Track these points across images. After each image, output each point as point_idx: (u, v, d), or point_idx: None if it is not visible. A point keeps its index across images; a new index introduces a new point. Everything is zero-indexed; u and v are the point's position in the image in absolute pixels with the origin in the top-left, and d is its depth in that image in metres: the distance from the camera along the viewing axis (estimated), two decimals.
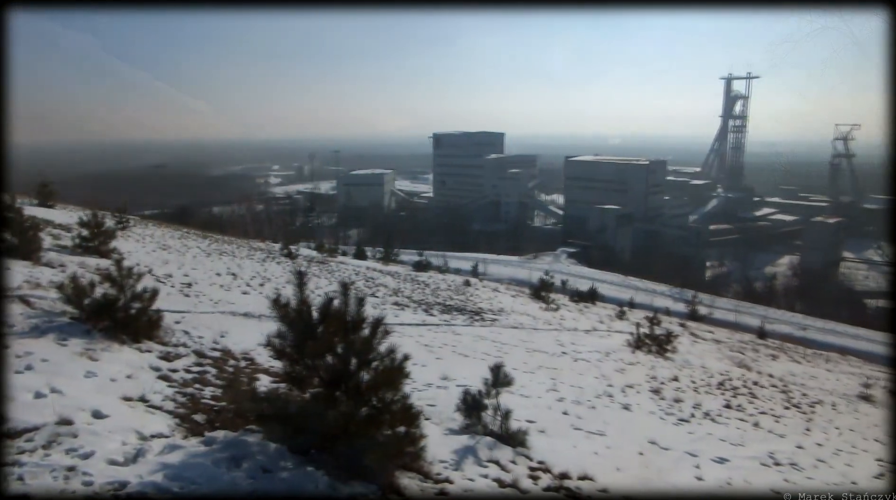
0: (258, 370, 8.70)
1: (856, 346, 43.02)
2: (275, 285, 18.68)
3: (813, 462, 9.44)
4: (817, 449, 10.35)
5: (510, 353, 14.71)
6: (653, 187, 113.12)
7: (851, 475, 9.05)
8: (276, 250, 29.74)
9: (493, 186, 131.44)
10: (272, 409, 5.17)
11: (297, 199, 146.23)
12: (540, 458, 6.87)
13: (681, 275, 73.77)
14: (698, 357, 19.56)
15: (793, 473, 8.69)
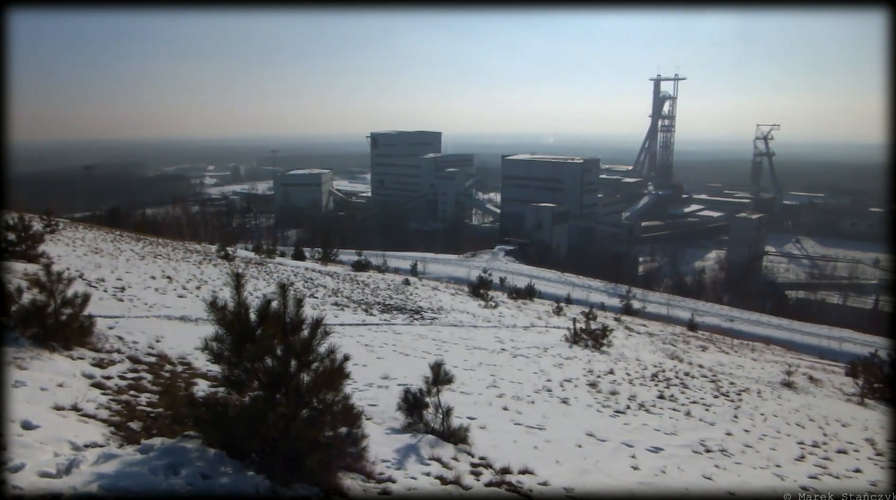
0: (195, 375, 8.50)
1: (778, 335, 45.02)
2: (212, 287, 18.26)
3: (741, 448, 9.82)
4: (745, 435, 10.78)
5: (450, 351, 14.80)
6: (587, 185, 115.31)
7: (776, 459, 9.46)
8: (213, 251, 29.06)
9: (430, 185, 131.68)
10: (210, 414, 5.06)
11: (233, 200, 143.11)
12: (481, 454, 6.94)
13: (615, 271, 75.50)
14: (633, 350, 20.09)
15: (723, 459, 9.03)
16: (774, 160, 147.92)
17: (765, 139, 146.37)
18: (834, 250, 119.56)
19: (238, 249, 32.63)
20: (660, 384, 14.35)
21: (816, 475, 8.87)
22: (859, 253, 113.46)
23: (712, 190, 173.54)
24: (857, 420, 13.80)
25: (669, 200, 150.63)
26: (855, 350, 36.37)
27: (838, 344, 43.71)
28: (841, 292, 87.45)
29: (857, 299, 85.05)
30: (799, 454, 10.01)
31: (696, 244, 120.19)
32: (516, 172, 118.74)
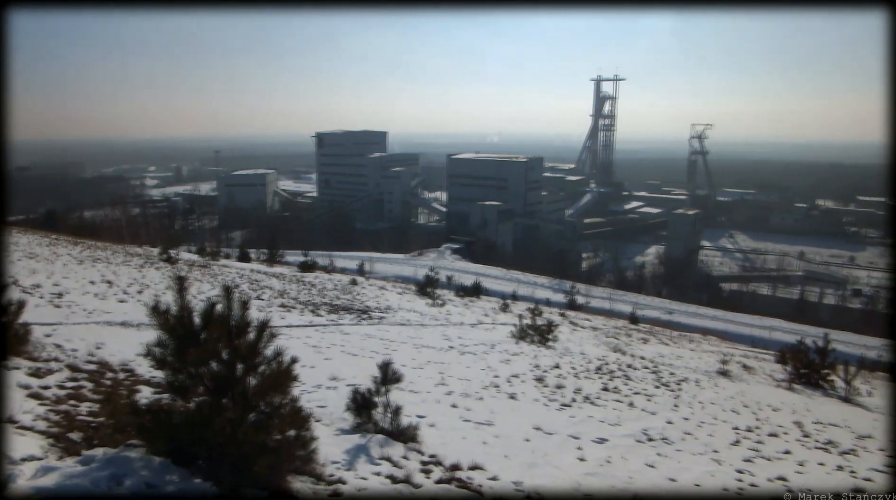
0: (138, 382, 8.25)
1: (714, 326, 46.40)
2: (154, 291, 17.76)
3: (681, 435, 10.08)
4: (684, 423, 11.07)
5: (398, 350, 14.75)
6: (531, 184, 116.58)
7: (713, 444, 9.75)
8: (155, 254, 28.27)
9: (376, 184, 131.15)
10: (154, 421, 4.92)
11: (175, 201, 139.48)
12: (431, 452, 6.94)
13: (559, 267, 76.65)
14: (577, 344, 20.39)
15: (664, 446, 9.26)
16: (708, 158, 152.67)
17: (699, 138, 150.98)
18: (763, 243, 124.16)
19: (181, 251, 31.79)
20: (604, 377, 14.61)
21: (750, 458, 9.19)
22: (786, 246, 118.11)
23: (651, 187, 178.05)
24: (786, 405, 14.35)
25: (610, 197, 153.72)
26: (784, 338, 37.72)
27: (769, 333, 45.29)
28: (770, 283, 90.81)
29: (785, 289, 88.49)
30: (734, 439, 10.34)
31: (637, 240, 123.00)
32: (462, 170, 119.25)
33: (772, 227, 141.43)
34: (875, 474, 9.22)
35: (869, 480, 8.80)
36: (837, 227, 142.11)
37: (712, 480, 7.85)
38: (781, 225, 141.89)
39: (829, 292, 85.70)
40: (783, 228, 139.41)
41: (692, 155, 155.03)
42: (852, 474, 9.07)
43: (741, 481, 8.00)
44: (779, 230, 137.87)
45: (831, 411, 14.59)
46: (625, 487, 6.94)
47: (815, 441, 10.95)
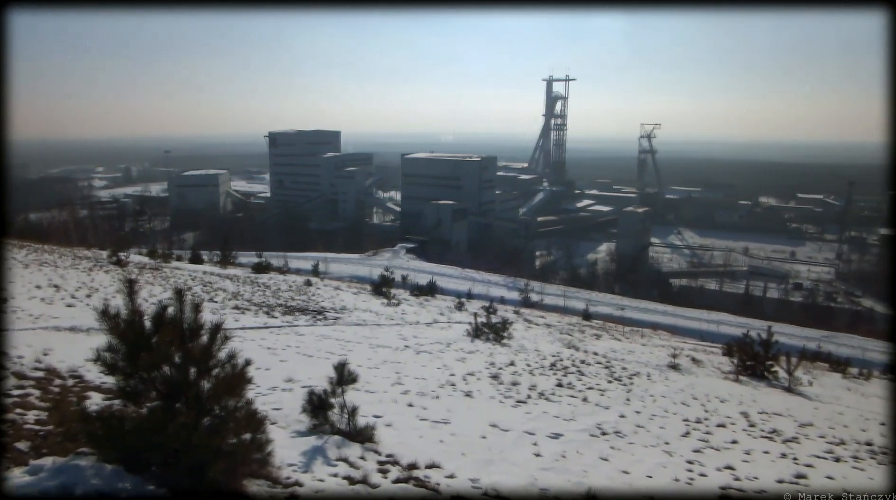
0: (88, 388, 8.03)
1: (664, 321, 47.42)
2: (103, 295, 17.29)
3: (633, 429, 10.30)
4: (637, 416, 11.31)
5: (354, 350, 14.69)
6: (485, 183, 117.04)
7: (664, 436, 9.99)
8: (104, 257, 27.49)
9: (330, 184, 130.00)
10: (105, 428, 4.80)
11: (125, 202, 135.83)
12: (388, 451, 6.94)
13: (514, 265, 77.20)
14: (532, 341, 20.61)
15: (617, 440, 9.45)
16: (657, 157, 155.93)
17: (648, 138, 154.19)
18: (710, 240, 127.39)
19: (131, 253, 31.01)
20: (558, 373, 14.80)
21: (700, 449, 9.45)
22: (731, 242, 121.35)
23: (602, 185, 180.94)
24: (733, 396, 14.79)
25: (563, 195, 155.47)
26: (730, 332, 38.78)
27: (716, 327, 46.55)
28: (717, 278, 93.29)
29: (731, 284, 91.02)
30: (685, 431, 10.62)
31: (589, 237, 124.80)
32: (416, 170, 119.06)
33: (717, 223, 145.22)
34: (816, 460, 9.59)
35: (810, 466, 9.15)
36: (779, 223, 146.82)
37: (664, 471, 8.05)
38: (726, 222, 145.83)
39: (773, 287, 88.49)
40: (728, 225, 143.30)
41: (641, 154, 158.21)
42: (795, 461, 9.41)
43: (691, 471, 8.22)
44: (724, 227, 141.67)
45: (775, 400, 15.09)
46: (579, 481, 7.06)
47: (760, 430, 11.32)
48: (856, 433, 12.09)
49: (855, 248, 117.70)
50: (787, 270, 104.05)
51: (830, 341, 43.67)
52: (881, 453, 10.68)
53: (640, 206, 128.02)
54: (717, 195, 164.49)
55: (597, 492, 6.22)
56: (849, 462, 9.74)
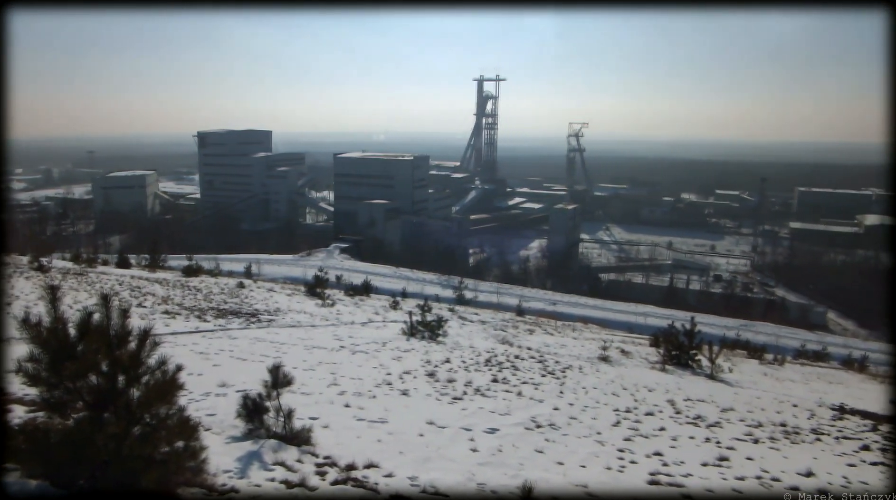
0: (9, 401, 7.61)
1: (594, 315, 48.63)
2: (24, 302, 16.41)
3: (567, 420, 10.52)
4: (570, 408, 11.55)
5: (289, 352, 14.46)
6: (418, 182, 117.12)
7: (597, 427, 10.24)
8: (24, 263, 26.10)
9: (262, 184, 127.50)
10: (29, 442, 4.57)
11: (46, 205, 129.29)
12: (326, 453, 6.86)
13: (447, 263, 77.63)
14: (467, 338, 20.75)
15: (552, 432, 9.62)
16: (585, 155, 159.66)
17: (576, 136, 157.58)
18: (636, 235, 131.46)
19: (54, 259, 29.55)
20: (493, 369, 14.95)
21: (630, 437, 9.73)
22: (656, 237, 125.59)
23: (533, 183, 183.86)
24: (660, 385, 15.30)
25: (495, 193, 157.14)
26: (657, 323, 40.14)
27: (643, 319, 48.03)
28: (643, 272, 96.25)
29: (657, 277, 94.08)
30: (615, 420, 10.91)
31: (521, 235, 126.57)
32: (348, 170, 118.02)
33: (643, 219, 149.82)
34: (737, 442, 10.03)
35: (732, 449, 9.55)
36: (700, 218, 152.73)
37: (597, 460, 8.24)
38: (651, 217, 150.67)
39: (695, 279, 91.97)
40: (653, 221, 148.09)
41: (570, 152, 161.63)
42: (718, 444, 9.80)
43: (622, 459, 8.45)
44: (649, 222, 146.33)
45: (699, 388, 15.68)
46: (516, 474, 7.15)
47: (685, 417, 11.75)
48: (772, 416, 12.70)
49: (768, 241, 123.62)
50: (708, 262, 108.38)
51: (748, 329, 45.70)
52: (794, 433, 11.26)
53: (569, 203, 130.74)
54: (642, 192, 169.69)
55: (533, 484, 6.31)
56: (766, 443, 10.23)
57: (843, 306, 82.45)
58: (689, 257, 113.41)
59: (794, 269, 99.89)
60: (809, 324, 65.05)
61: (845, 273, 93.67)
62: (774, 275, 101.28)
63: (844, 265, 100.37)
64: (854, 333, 71.57)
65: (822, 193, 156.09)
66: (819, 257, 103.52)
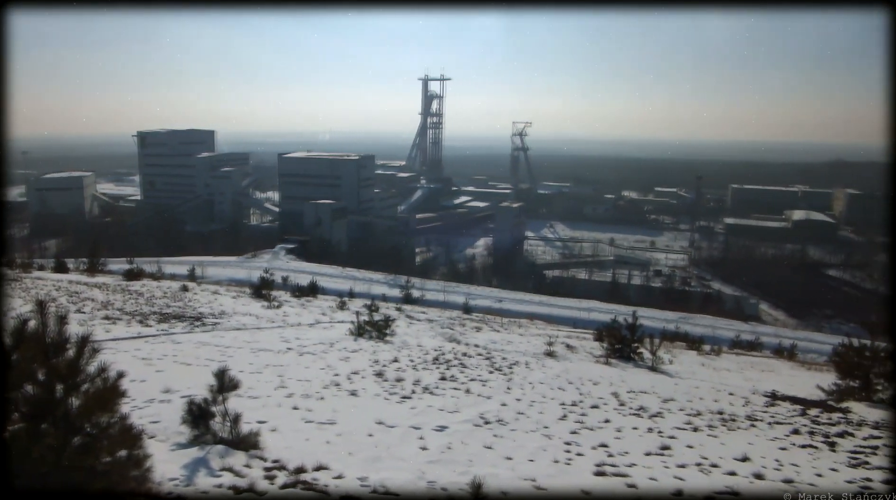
0: None
1: (540, 311, 49.29)
2: None
3: (515, 416, 10.63)
4: (517, 404, 11.67)
5: (235, 355, 14.19)
6: (364, 181, 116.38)
7: (544, 421, 10.38)
8: None
9: (205, 185, 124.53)
10: None
11: None
12: (275, 457, 6.76)
13: (394, 262, 77.46)
14: (415, 337, 20.74)
15: (500, 428, 9.71)
16: (529, 154, 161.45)
17: (520, 136, 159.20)
18: (579, 232, 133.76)
19: None
20: (441, 367, 15.00)
21: (576, 430, 9.90)
22: (599, 234, 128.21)
23: (478, 182, 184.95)
24: (605, 378, 15.62)
25: (441, 192, 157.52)
26: (600, 318, 40.88)
27: (587, 314, 48.93)
28: (587, 268, 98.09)
29: (599, 273, 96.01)
30: (562, 414, 11.08)
31: (467, 233, 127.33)
32: (293, 169, 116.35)
33: (586, 216, 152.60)
34: (678, 431, 10.32)
35: (673, 437, 9.82)
36: (640, 215, 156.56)
37: (544, 454, 8.36)
38: (594, 215, 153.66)
39: (636, 274, 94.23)
40: (595, 218, 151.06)
41: (514, 151, 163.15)
42: (660, 434, 10.07)
43: (569, 451, 8.59)
44: (592, 219, 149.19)
45: (641, 380, 16.07)
46: (465, 470, 7.19)
47: (629, 409, 12.02)
48: (710, 404, 13.12)
49: (704, 236, 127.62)
50: (648, 258, 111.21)
51: (686, 321, 47.14)
52: (730, 420, 11.66)
53: (514, 201, 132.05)
54: (585, 190, 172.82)
55: (482, 480, 6.36)
56: (705, 431, 10.56)
57: (773, 298, 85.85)
58: (630, 252, 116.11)
59: (729, 262, 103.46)
60: (743, 315, 67.41)
61: (775, 266, 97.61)
62: (710, 269, 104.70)
63: (774, 258, 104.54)
64: (784, 322, 74.58)
65: (753, 189, 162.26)
66: (751, 251, 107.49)
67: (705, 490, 7.29)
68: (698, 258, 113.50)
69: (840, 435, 10.75)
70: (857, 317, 73.26)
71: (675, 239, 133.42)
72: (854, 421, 12.00)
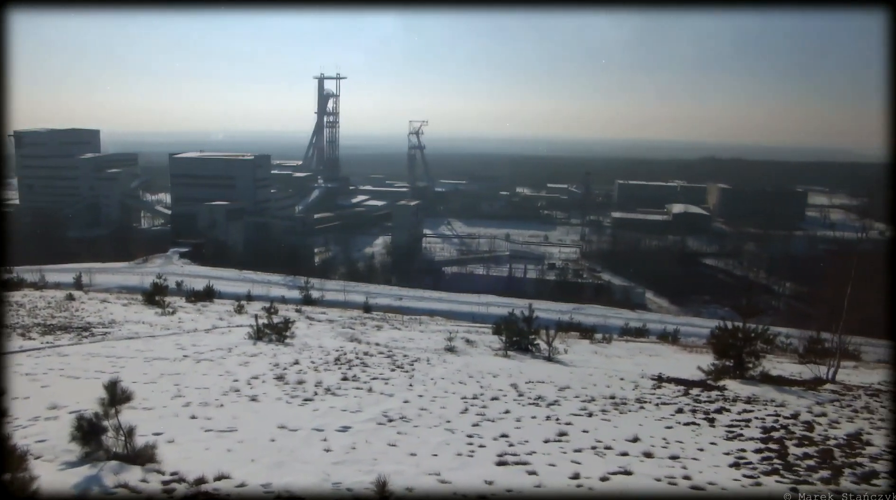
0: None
1: (440, 307, 49.68)
2: None
3: (417, 412, 10.73)
4: (420, 400, 11.79)
5: (127, 366, 13.50)
6: (259, 181, 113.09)
7: (446, 416, 10.55)
8: None
9: (90, 187, 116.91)
10: None
11: None
12: (173, 469, 6.52)
13: (293, 263, 75.79)
14: (315, 338, 20.46)
15: (404, 425, 9.78)
16: (425, 152, 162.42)
17: (417, 134, 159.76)
18: (476, 228, 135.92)
19: None
20: (343, 367, 14.89)
21: (478, 423, 10.13)
22: (495, 230, 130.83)
23: (375, 181, 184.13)
24: (504, 370, 16.03)
25: (338, 192, 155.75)
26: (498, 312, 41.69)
27: (486, 309, 49.76)
28: (484, 263, 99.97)
29: (496, 268, 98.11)
30: (464, 408, 11.30)
31: (365, 232, 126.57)
32: (186, 170, 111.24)
33: (482, 213, 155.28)
34: (574, 417, 10.77)
35: (570, 424, 10.25)
36: (533, 210, 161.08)
37: (448, 448, 8.51)
38: (489, 211, 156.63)
39: (531, 268, 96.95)
40: (491, 214, 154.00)
41: (411, 149, 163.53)
42: (557, 421, 10.48)
43: (472, 444, 8.79)
44: (488, 216, 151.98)
45: (538, 370, 16.61)
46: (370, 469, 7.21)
47: (528, 399, 12.41)
48: (602, 390, 13.75)
49: (594, 230, 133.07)
50: (543, 252, 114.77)
51: (579, 312, 48.98)
52: (622, 403, 12.28)
53: (412, 199, 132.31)
54: (480, 187, 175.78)
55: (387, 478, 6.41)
56: (599, 416, 11.09)
57: (657, 286, 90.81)
58: (525, 247, 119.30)
59: (617, 255, 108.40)
60: (631, 304, 70.87)
61: (658, 257, 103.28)
62: (600, 261, 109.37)
63: (657, 250, 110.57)
64: (667, 309, 79.06)
65: (637, 185, 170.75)
66: (637, 243, 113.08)
67: (600, 472, 7.68)
68: (589, 251, 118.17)
69: (718, 411, 11.59)
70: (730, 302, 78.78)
71: (567, 233, 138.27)
72: (730, 398, 12.95)
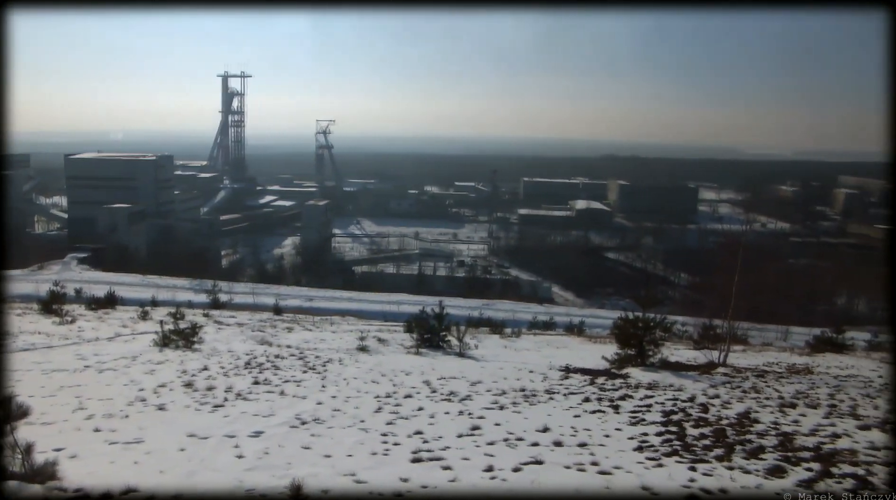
0: None
1: (351, 307, 49.30)
2: None
3: (331, 413, 10.68)
4: (333, 401, 11.72)
5: (23, 379, 12.68)
6: (163, 182, 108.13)
7: (360, 415, 10.56)
8: None
9: None
10: None
11: None
12: (76, 486, 6.23)
13: (199, 266, 72.99)
14: (225, 343, 19.89)
15: (317, 427, 9.72)
16: (334, 152, 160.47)
17: (324, 134, 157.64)
18: (386, 227, 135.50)
19: None
20: (254, 371, 14.59)
21: (392, 421, 10.19)
22: (404, 229, 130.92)
23: (283, 181, 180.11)
24: (416, 368, 16.17)
25: (245, 192, 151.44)
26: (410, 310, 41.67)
27: (397, 307, 49.70)
28: (394, 262, 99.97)
29: (406, 266, 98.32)
30: (377, 407, 11.33)
31: (274, 233, 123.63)
32: (84, 172, 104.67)
33: (391, 212, 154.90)
34: (486, 411, 11.03)
35: (482, 417, 10.49)
36: (442, 209, 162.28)
37: (362, 448, 8.53)
38: (398, 210, 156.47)
39: (441, 265, 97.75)
40: (400, 213, 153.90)
41: (319, 149, 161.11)
42: (470, 416, 10.69)
43: (386, 442, 8.85)
44: (397, 214, 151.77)
45: (450, 366, 16.85)
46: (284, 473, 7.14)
47: (440, 395, 12.59)
48: (513, 383, 14.13)
49: (501, 227, 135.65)
50: (452, 249, 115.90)
51: (489, 308, 49.74)
52: (532, 395, 12.67)
53: (320, 199, 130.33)
54: (389, 186, 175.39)
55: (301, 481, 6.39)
56: (510, 408, 11.40)
57: (563, 280, 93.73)
58: (434, 245, 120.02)
59: (524, 250, 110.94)
60: (539, 298, 72.76)
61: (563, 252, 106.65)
62: (508, 257, 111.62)
63: (562, 245, 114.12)
64: (573, 302, 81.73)
65: (542, 182, 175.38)
66: (543, 239, 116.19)
67: (513, 463, 7.92)
68: (497, 248, 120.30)
69: (622, 398, 12.18)
70: (631, 293, 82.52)
71: (476, 230, 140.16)
72: (632, 385, 13.63)
